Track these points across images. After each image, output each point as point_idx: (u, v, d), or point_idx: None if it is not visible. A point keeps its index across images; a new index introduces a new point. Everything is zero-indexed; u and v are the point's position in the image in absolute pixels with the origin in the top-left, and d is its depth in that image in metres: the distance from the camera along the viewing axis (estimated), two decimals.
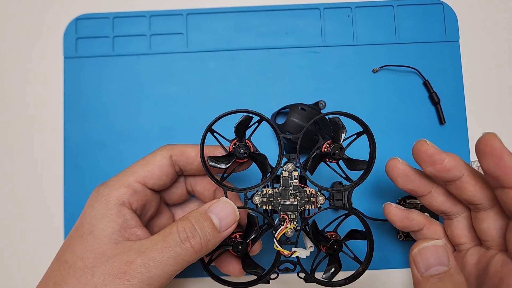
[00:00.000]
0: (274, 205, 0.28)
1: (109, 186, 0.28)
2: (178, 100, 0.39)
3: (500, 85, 0.39)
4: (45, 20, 0.40)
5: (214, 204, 0.27)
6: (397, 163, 0.30)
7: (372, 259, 0.29)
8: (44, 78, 0.40)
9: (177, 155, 0.30)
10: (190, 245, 0.25)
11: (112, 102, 0.39)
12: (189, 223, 0.26)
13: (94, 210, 0.27)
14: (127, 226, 0.27)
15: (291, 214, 0.28)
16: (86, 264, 0.25)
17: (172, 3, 0.40)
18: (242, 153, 0.27)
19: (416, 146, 0.28)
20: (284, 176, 0.28)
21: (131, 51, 0.39)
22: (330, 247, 0.29)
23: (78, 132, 0.38)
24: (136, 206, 0.28)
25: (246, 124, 0.27)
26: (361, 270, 0.29)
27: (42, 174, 0.38)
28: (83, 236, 0.26)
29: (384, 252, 0.37)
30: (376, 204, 0.37)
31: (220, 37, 0.39)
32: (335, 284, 0.29)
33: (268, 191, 0.28)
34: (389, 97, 0.39)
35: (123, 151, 0.38)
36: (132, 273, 0.24)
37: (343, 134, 0.28)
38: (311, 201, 0.28)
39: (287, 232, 0.28)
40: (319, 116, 0.28)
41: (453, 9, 0.39)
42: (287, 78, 0.39)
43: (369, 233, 0.29)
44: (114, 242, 0.26)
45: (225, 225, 0.27)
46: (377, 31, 0.39)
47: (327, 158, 0.29)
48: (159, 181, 0.29)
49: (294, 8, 0.39)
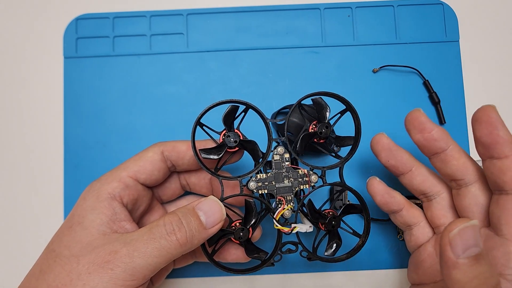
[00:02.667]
0: (269, 188, 0.29)
1: (101, 181, 0.29)
2: (178, 100, 0.39)
3: (500, 85, 0.39)
4: (45, 20, 0.40)
5: (202, 201, 0.28)
6: (382, 137, 0.31)
7: (370, 232, 0.30)
8: (44, 78, 0.40)
9: (168, 150, 0.30)
10: (175, 238, 0.26)
11: (112, 102, 0.39)
12: (176, 217, 0.27)
13: (86, 202, 0.28)
14: (116, 219, 0.28)
15: (287, 195, 0.29)
16: (72, 253, 0.26)
17: (172, 3, 0.40)
18: (232, 142, 0.28)
19: (409, 113, 0.29)
20: (276, 160, 0.29)
21: (131, 51, 0.39)
22: (328, 223, 0.29)
23: (78, 132, 0.38)
24: (127, 201, 0.29)
25: (233, 114, 0.28)
26: (361, 243, 0.30)
27: (42, 174, 0.38)
28: (72, 227, 0.27)
29: (384, 252, 0.37)
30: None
31: (221, 37, 0.39)
32: (337, 259, 0.29)
33: (262, 176, 0.29)
34: (389, 97, 0.39)
35: (123, 151, 0.38)
36: (116, 262, 0.25)
37: (327, 113, 0.29)
38: (304, 181, 0.29)
39: (285, 214, 0.29)
40: (301, 98, 0.28)
41: (453, 9, 0.39)
42: (288, 78, 0.39)
43: (364, 206, 0.30)
44: (102, 233, 0.26)
45: (211, 222, 0.27)
46: (377, 31, 0.39)
47: (315, 138, 0.29)
48: (151, 176, 0.30)
49: (294, 8, 0.39)
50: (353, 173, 0.38)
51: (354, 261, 0.37)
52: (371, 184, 0.32)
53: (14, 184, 0.38)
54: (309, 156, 0.38)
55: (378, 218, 0.36)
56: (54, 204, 0.38)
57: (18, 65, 0.40)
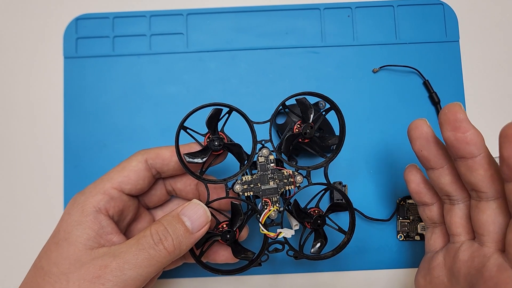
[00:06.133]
0: (255, 190, 0.29)
1: (86, 194, 0.28)
2: (178, 100, 0.39)
3: (500, 85, 0.39)
4: (45, 20, 0.40)
5: (186, 207, 0.27)
6: (423, 125, 0.28)
7: (355, 228, 0.30)
8: (44, 78, 0.40)
9: (152, 158, 0.30)
10: (163, 246, 0.26)
11: (112, 102, 0.39)
12: (162, 226, 0.26)
13: (71, 217, 0.27)
14: (103, 232, 0.27)
15: (273, 197, 0.29)
16: (61, 270, 0.25)
17: (172, 3, 0.40)
18: (216, 146, 0.28)
19: (447, 106, 0.26)
20: (260, 162, 0.29)
21: (131, 51, 0.39)
22: (314, 223, 0.29)
23: (78, 132, 0.38)
24: (113, 213, 0.28)
25: (216, 117, 0.28)
26: (346, 240, 0.30)
27: (42, 174, 0.38)
28: (59, 243, 0.27)
29: (384, 252, 0.37)
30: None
31: (220, 37, 0.39)
32: (323, 257, 0.30)
33: (247, 178, 0.29)
34: (389, 97, 0.39)
35: (123, 151, 0.38)
36: (107, 276, 0.25)
37: (311, 114, 0.29)
38: (290, 182, 0.29)
39: (271, 215, 0.29)
40: (286, 98, 0.28)
41: (453, 9, 0.39)
42: (287, 78, 0.39)
43: (349, 203, 0.30)
44: (89, 248, 0.26)
45: (197, 226, 0.27)
46: (377, 31, 0.39)
47: (300, 138, 0.29)
48: (135, 186, 0.30)
49: (294, 8, 0.39)
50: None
51: (353, 262, 0.37)
52: (409, 171, 0.30)
53: (14, 184, 0.38)
54: (302, 156, 0.38)
55: (378, 218, 0.36)
56: (54, 204, 0.38)
57: (18, 65, 0.40)
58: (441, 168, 0.28)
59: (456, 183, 0.28)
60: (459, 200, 0.29)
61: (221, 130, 0.29)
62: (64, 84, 0.39)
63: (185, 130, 0.28)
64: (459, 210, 0.29)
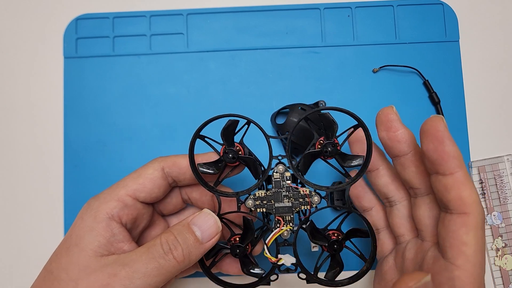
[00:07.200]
0: (268, 208, 0.28)
1: (100, 199, 0.28)
2: (178, 100, 0.39)
3: (500, 85, 0.39)
4: (45, 20, 0.40)
5: (197, 216, 0.27)
6: (359, 131, 0.27)
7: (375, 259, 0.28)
8: (44, 78, 0.40)
9: (169, 166, 0.29)
10: (172, 256, 0.26)
11: (112, 102, 0.39)
12: (172, 236, 0.26)
13: (83, 222, 0.27)
14: (114, 240, 0.27)
15: (286, 215, 0.28)
16: (70, 276, 0.25)
17: (172, 3, 0.40)
18: (230, 158, 0.27)
19: (382, 109, 0.28)
20: (275, 178, 0.28)
21: (131, 51, 0.39)
22: (329, 247, 0.28)
23: (78, 132, 0.38)
24: (126, 220, 0.28)
25: (232, 129, 0.27)
26: (366, 268, 0.28)
27: (42, 174, 0.38)
28: (69, 248, 0.26)
29: None
30: None
31: (220, 37, 0.39)
32: (337, 283, 0.28)
33: (261, 193, 0.28)
34: (389, 97, 0.39)
35: (123, 151, 0.38)
36: (115, 285, 0.24)
37: (336, 130, 0.27)
38: (305, 202, 0.28)
39: (283, 234, 0.28)
40: (310, 111, 0.27)
41: (453, 9, 0.39)
42: (287, 78, 0.39)
43: (371, 231, 0.28)
44: (99, 255, 0.26)
45: (207, 236, 0.27)
46: (377, 31, 0.39)
47: (321, 155, 0.28)
48: (150, 194, 0.29)
49: (294, 8, 0.39)
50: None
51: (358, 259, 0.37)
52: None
53: (14, 184, 0.38)
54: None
55: None
56: (54, 204, 0.38)
57: (18, 65, 0.40)
58: (376, 170, 0.30)
59: (391, 184, 0.29)
60: (396, 201, 0.30)
61: (240, 141, 0.28)
62: (64, 84, 0.39)
63: (203, 139, 0.27)
64: (398, 211, 0.30)
